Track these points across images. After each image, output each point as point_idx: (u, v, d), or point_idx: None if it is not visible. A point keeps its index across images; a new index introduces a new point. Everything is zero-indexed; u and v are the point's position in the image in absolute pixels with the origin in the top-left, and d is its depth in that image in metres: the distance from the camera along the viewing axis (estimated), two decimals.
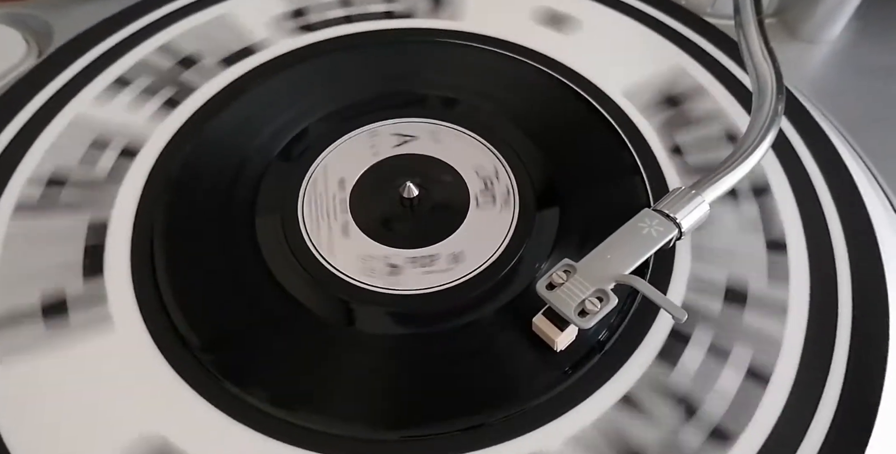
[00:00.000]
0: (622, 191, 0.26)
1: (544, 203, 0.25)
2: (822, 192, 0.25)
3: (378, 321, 0.23)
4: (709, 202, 0.22)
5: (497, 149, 0.27)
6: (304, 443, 0.20)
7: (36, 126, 0.27)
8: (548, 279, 0.20)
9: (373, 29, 0.31)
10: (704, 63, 0.29)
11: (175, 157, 0.26)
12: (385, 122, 0.28)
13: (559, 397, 0.20)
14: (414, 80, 0.30)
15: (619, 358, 0.21)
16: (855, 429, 0.20)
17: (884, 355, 0.21)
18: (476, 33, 0.31)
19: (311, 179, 0.26)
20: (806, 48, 0.35)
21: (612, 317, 0.22)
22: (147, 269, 0.23)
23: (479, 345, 0.22)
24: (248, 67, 0.29)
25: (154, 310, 0.22)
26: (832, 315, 0.22)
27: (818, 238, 0.24)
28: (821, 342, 0.21)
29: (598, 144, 0.27)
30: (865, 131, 0.29)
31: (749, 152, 0.23)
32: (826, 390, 0.20)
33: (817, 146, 0.26)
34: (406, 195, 0.24)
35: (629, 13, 0.31)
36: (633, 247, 0.21)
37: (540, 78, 0.29)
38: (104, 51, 0.30)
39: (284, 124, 0.28)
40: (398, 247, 0.24)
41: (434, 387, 0.21)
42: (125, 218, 0.25)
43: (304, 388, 0.21)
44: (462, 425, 0.20)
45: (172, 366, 0.21)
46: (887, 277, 0.23)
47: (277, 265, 0.24)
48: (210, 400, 0.20)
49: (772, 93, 0.24)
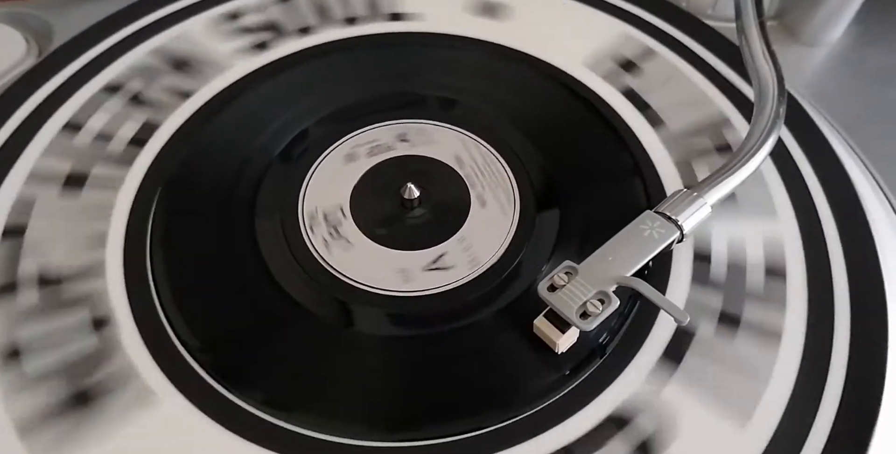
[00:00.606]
0: (623, 192, 0.26)
1: (545, 204, 0.25)
2: (820, 195, 0.25)
3: (378, 323, 0.23)
4: (710, 204, 0.22)
5: (497, 150, 0.27)
6: (301, 451, 0.19)
7: (33, 126, 0.27)
8: (549, 281, 0.20)
9: (374, 32, 0.31)
10: (646, 30, 0.31)
11: (174, 158, 0.26)
12: (385, 123, 0.28)
13: (561, 401, 0.20)
14: (413, 81, 0.30)
15: (620, 360, 0.21)
16: (855, 431, 0.20)
17: (883, 358, 0.21)
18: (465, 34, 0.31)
19: (312, 180, 0.26)
20: (806, 51, 0.35)
21: (613, 320, 0.22)
22: (143, 270, 0.23)
23: (480, 347, 0.22)
24: (248, 69, 0.29)
25: (149, 310, 0.22)
26: (829, 315, 0.22)
27: (815, 240, 0.24)
28: (820, 342, 0.21)
29: (598, 145, 0.27)
30: (865, 134, 0.29)
31: (751, 155, 0.23)
32: (826, 391, 0.20)
33: (817, 148, 0.26)
34: (407, 196, 0.24)
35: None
36: (634, 249, 0.21)
37: (540, 80, 0.29)
38: (103, 51, 0.30)
39: (284, 125, 0.28)
40: (399, 249, 0.24)
41: (434, 389, 0.21)
42: (119, 222, 0.24)
43: (303, 391, 0.21)
44: (462, 429, 0.20)
45: (161, 368, 0.21)
46: (886, 281, 0.23)
47: (277, 267, 0.23)
48: (202, 408, 0.20)
49: (773, 95, 0.24)
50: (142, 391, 0.20)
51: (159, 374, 0.21)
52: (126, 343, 0.21)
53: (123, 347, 0.21)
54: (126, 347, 0.21)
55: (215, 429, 0.20)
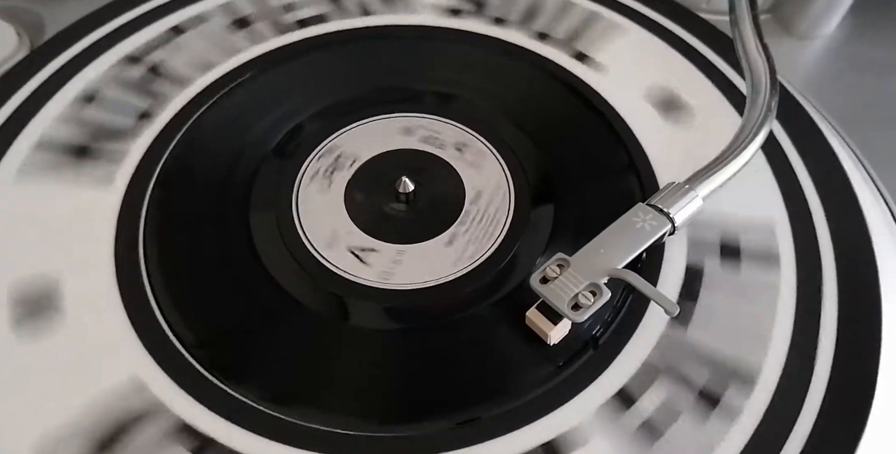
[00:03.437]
0: (618, 186, 0.26)
1: (539, 198, 0.25)
2: (812, 189, 0.25)
3: (373, 316, 0.23)
4: (702, 197, 0.22)
5: (493, 144, 0.27)
6: (297, 441, 0.20)
7: (23, 118, 0.27)
8: (541, 273, 0.21)
9: (370, 25, 0.31)
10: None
11: (167, 152, 0.26)
12: (380, 116, 0.28)
13: (553, 391, 0.20)
14: (409, 75, 0.30)
15: (612, 350, 0.21)
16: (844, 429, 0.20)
17: (876, 354, 0.21)
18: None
19: (306, 175, 0.26)
20: (800, 44, 0.35)
21: (607, 312, 0.22)
22: (135, 265, 0.23)
23: (474, 339, 0.22)
24: (241, 61, 0.29)
25: (141, 305, 0.22)
26: (816, 301, 0.22)
27: (806, 232, 0.24)
28: (807, 336, 0.21)
29: (593, 139, 0.27)
30: (859, 127, 0.29)
31: (743, 147, 0.23)
32: (811, 388, 0.21)
33: (810, 141, 0.26)
34: (402, 190, 0.24)
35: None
36: (626, 241, 0.21)
37: (535, 73, 0.29)
38: (93, 42, 0.29)
39: (279, 120, 0.28)
40: (394, 242, 0.24)
41: (428, 381, 0.21)
42: (111, 215, 0.24)
43: (299, 384, 0.21)
44: (456, 420, 0.20)
45: (158, 362, 0.21)
46: (880, 275, 0.23)
47: (272, 260, 0.23)
48: (201, 400, 0.20)
49: (766, 88, 0.24)
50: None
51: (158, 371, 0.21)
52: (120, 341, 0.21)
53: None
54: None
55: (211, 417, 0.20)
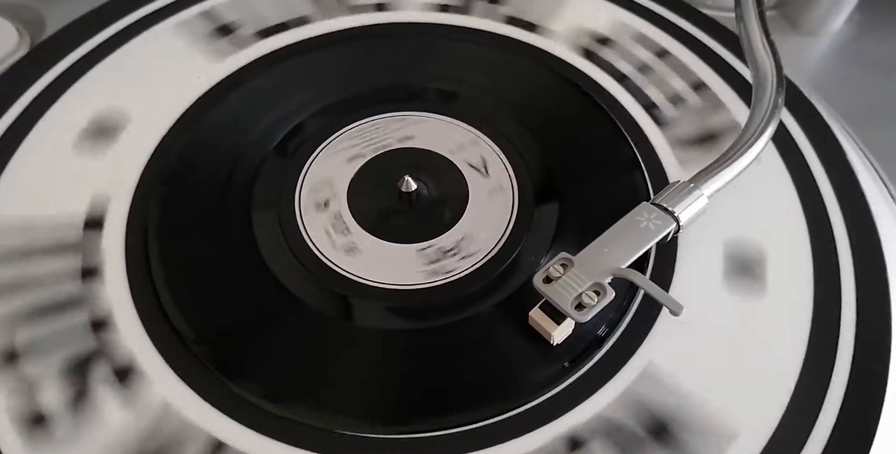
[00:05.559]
0: (622, 185, 0.25)
1: (543, 197, 0.25)
2: (822, 184, 0.25)
3: (376, 316, 0.22)
4: (707, 196, 0.22)
5: (496, 142, 0.26)
6: (300, 442, 0.20)
7: (27, 118, 0.27)
8: (545, 272, 0.20)
9: (369, 23, 0.30)
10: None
11: (171, 151, 0.26)
12: (382, 115, 0.27)
13: (559, 394, 0.20)
14: (412, 73, 0.29)
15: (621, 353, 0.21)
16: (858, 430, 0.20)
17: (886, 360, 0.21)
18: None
19: (308, 173, 0.26)
20: (807, 41, 0.35)
21: (610, 312, 0.22)
22: (143, 264, 0.23)
23: (477, 339, 0.22)
24: (244, 61, 0.29)
25: (149, 305, 0.22)
26: (836, 301, 0.22)
27: (819, 226, 0.24)
28: (825, 335, 0.21)
29: (598, 137, 0.27)
30: (866, 123, 0.29)
31: (748, 146, 0.22)
32: (830, 387, 0.20)
33: (819, 138, 0.26)
34: (404, 189, 0.24)
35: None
36: (630, 240, 0.21)
37: (539, 71, 0.29)
38: (97, 44, 0.29)
39: (280, 118, 0.27)
40: (397, 242, 0.24)
41: (432, 381, 0.21)
42: (120, 213, 0.24)
43: (301, 384, 0.21)
44: (459, 421, 0.20)
45: (167, 360, 0.21)
46: (888, 268, 0.23)
47: (274, 260, 0.23)
48: (205, 396, 0.20)
49: (772, 85, 0.24)
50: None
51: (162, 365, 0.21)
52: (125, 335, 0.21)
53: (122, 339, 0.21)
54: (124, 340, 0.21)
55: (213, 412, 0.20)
